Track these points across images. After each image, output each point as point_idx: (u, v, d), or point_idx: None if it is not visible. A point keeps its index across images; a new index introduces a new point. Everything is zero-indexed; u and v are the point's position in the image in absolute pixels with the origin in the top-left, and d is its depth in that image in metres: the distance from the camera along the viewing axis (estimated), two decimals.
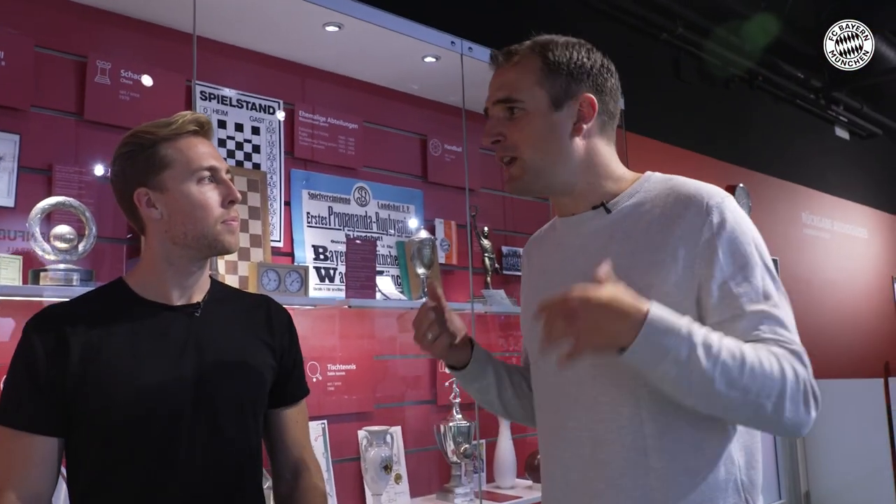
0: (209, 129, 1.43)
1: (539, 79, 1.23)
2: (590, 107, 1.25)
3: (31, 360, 1.28)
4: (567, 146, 1.25)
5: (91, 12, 2.19)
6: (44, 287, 1.89)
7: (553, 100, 1.23)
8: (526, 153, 1.24)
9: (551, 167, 1.25)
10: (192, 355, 1.35)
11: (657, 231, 1.19)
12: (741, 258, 1.15)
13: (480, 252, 3.04)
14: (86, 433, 1.29)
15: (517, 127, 1.24)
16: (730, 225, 1.16)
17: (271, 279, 2.30)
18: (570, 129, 1.25)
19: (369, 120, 2.85)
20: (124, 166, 1.38)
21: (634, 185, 1.28)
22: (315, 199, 2.65)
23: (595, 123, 1.26)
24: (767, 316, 1.12)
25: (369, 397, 2.68)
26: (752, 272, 1.15)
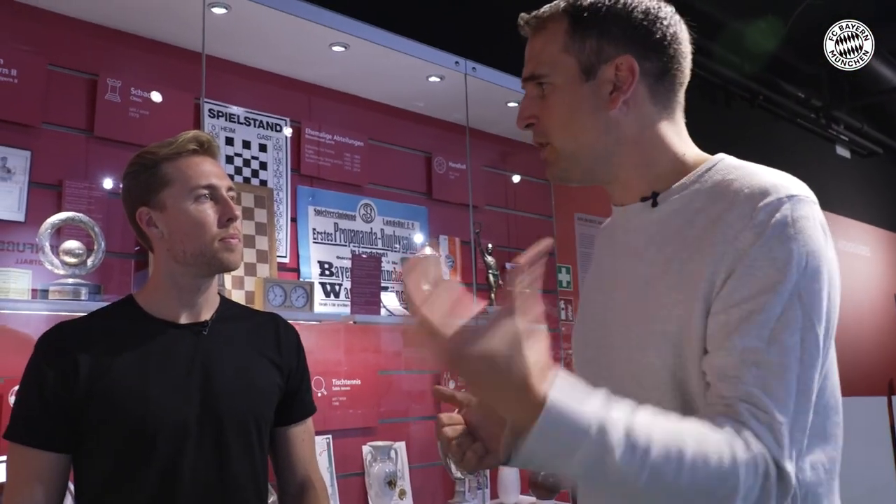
0: (210, 147, 1.45)
1: (565, 44, 1.01)
2: (628, 71, 0.99)
3: (41, 378, 1.29)
4: (601, 123, 1.00)
5: (102, 31, 2.23)
6: (52, 301, 1.91)
7: (583, 67, 1.00)
8: (556, 136, 1.03)
9: (587, 150, 1.02)
10: (198, 374, 1.37)
11: (697, 235, 0.94)
12: (767, 278, 0.86)
13: (485, 269, 3.06)
14: (93, 450, 1.31)
15: (546, 107, 1.03)
16: (773, 229, 0.87)
17: (277, 294, 2.32)
18: (604, 101, 1.00)
19: (375, 137, 2.88)
20: (129, 186, 1.42)
21: (692, 174, 1.01)
22: (321, 215, 2.67)
23: (642, 90, 1.00)
24: (757, 361, 0.84)
25: (374, 412, 2.68)
26: (771, 299, 0.85)
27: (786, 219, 0.87)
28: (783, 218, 0.87)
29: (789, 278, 0.85)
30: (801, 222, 0.88)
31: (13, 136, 2.04)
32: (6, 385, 1.87)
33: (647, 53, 1.00)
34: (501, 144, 3.33)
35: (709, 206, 0.95)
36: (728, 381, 0.85)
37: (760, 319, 0.84)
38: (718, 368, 0.86)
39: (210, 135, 1.46)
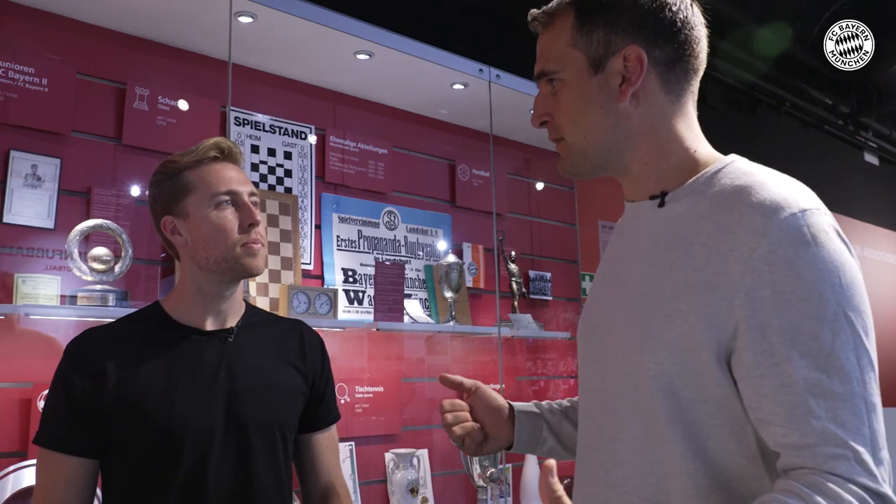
0: (231, 153, 1.45)
1: (572, 38, 0.99)
2: (636, 61, 0.96)
3: (69, 384, 1.30)
4: (611, 116, 0.99)
5: (130, 41, 2.26)
6: (80, 307, 1.93)
7: (591, 61, 0.99)
8: (567, 132, 1.02)
9: (597, 145, 1.00)
10: (224, 380, 1.37)
11: (703, 243, 0.90)
12: (804, 303, 0.82)
13: (508, 276, 3.05)
14: (120, 455, 1.31)
15: (558, 102, 1.02)
16: (796, 249, 0.83)
17: (301, 301, 2.33)
18: (614, 94, 0.98)
19: (398, 145, 2.89)
20: (154, 195, 1.43)
21: (701, 174, 0.98)
22: (345, 222, 2.68)
23: (652, 79, 0.98)
24: (824, 397, 0.80)
25: (396, 420, 2.68)
26: (818, 325, 0.81)
27: (804, 236, 0.84)
28: (802, 236, 0.84)
29: (828, 300, 0.82)
30: (820, 237, 0.85)
31: (43, 145, 2.07)
32: (35, 389, 1.90)
33: (657, 41, 0.97)
34: (525, 152, 3.32)
35: (716, 213, 0.91)
36: (794, 422, 0.81)
37: (812, 349, 0.81)
38: (777, 406, 0.82)
39: (231, 141, 1.47)
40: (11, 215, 1.99)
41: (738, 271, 0.85)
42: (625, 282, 1.01)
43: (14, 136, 2.03)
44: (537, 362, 3.24)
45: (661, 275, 0.94)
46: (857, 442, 0.79)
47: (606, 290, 1.07)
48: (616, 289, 1.03)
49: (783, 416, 0.82)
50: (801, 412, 0.80)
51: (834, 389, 0.80)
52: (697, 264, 0.90)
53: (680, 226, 0.95)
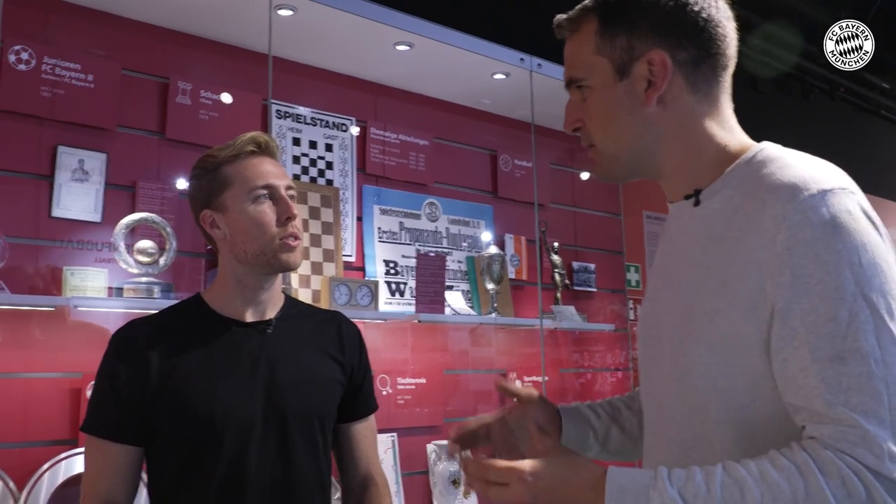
0: (269, 147, 1.45)
1: (597, 45, 0.99)
2: (661, 66, 0.96)
3: (114, 373, 1.33)
4: (639, 121, 0.99)
5: (173, 36, 2.29)
6: (127, 299, 1.96)
7: (617, 67, 0.98)
8: (597, 138, 1.02)
9: (627, 150, 1.01)
10: (263, 371, 1.38)
11: (735, 237, 0.90)
12: (822, 285, 0.82)
13: (550, 267, 3.02)
14: (163, 444, 1.34)
15: (587, 109, 1.02)
16: (814, 231, 0.83)
17: (342, 293, 2.33)
18: (640, 99, 0.98)
19: (439, 136, 2.88)
20: (193, 190, 1.45)
21: (734, 167, 0.96)
22: (386, 214, 2.68)
23: (678, 81, 0.97)
24: (839, 379, 0.80)
25: (439, 411, 2.68)
26: (835, 306, 0.81)
27: (824, 218, 0.83)
28: (821, 217, 0.83)
29: (847, 280, 0.82)
30: (841, 217, 0.84)
31: (90, 140, 2.11)
32: (84, 379, 1.94)
33: (681, 42, 0.97)
34: (567, 141, 3.27)
35: (746, 204, 0.91)
36: (809, 401, 0.82)
37: (830, 331, 0.81)
38: (796, 388, 0.84)
39: (268, 135, 1.47)
40: (60, 209, 2.04)
41: (763, 259, 0.86)
42: (671, 283, 1.01)
43: (61, 132, 2.07)
44: (583, 355, 3.20)
45: (701, 274, 0.94)
46: (872, 424, 0.78)
47: (658, 291, 1.07)
48: (665, 290, 1.04)
49: (802, 398, 0.83)
50: (816, 394, 0.81)
51: (850, 372, 0.80)
52: (732, 261, 0.90)
53: (716, 223, 0.95)
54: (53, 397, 1.95)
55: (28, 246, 1.98)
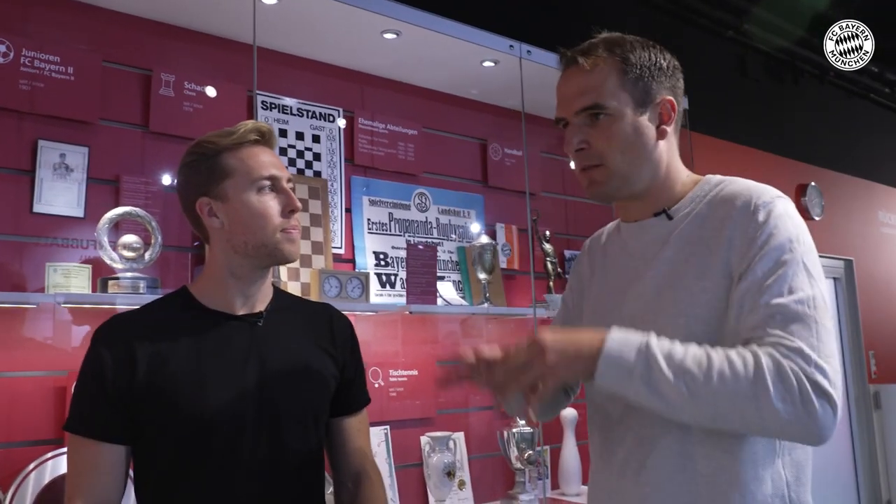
0: (271, 137, 1.43)
1: (622, 82, 1.20)
2: (670, 109, 1.23)
3: (99, 370, 1.29)
4: (652, 151, 1.22)
5: (155, 27, 2.25)
6: (112, 295, 1.93)
7: (637, 103, 1.20)
8: (613, 160, 1.20)
9: (637, 172, 1.22)
10: (254, 365, 1.35)
11: (710, 234, 1.17)
12: (775, 252, 1.10)
13: (542, 256, 2.99)
14: (152, 441, 1.30)
15: (603, 133, 1.20)
16: (773, 222, 1.12)
17: (333, 286, 2.30)
18: (654, 133, 1.22)
19: (428, 125, 2.84)
20: (188, 176, 1.39)
21: (695, 190, 1.25)
22: (375, 205, 2.65)
23: (672, 126, 1.24)
24: (781, 311, 1.05)
25: (432, 403, 2.66)
26: (783, 266, 1.09)
27: (780, 212, 1.13)
28: (778, 212, 1.13)
29: (795, 252, 1.10)
30: (791, 213, 1.15)
31: (71, 133, 2.07)
32: (70, 377, 1.91)
33: (677, 96, 1.24)
34: (558, 129, 3.24)
35: (714, 212, 1.19)
36: (756, 330, 1.06)
37: (778, 283, 1.07)
38: (748, 324, 1.07)
39: (269, 125, 1.44)
40: (41, 205, 2.00)
41: (738, 244, 1.14)
42: (641, 284, 1.23)
43: (42, 126, 2.03)
44: None
45: (679, 268, 1.18)
46: (804, 344, 1.02)
47: (615, 296, 1.28)
48: (628, 291, 1.25)
49: (751, 329, 1.07)
50: (762, 324, 1.06)
51: (789, 308, 1.05)
52: (711, 250, 1.16)
53: (688, 229, 1.21)
54: (38, 396, 1.91)
55: (9, 243, 1.94)
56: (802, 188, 4.65)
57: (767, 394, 0.99)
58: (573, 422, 2.84)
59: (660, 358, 1.04)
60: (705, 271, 1.15)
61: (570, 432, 2.86)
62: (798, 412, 0.99)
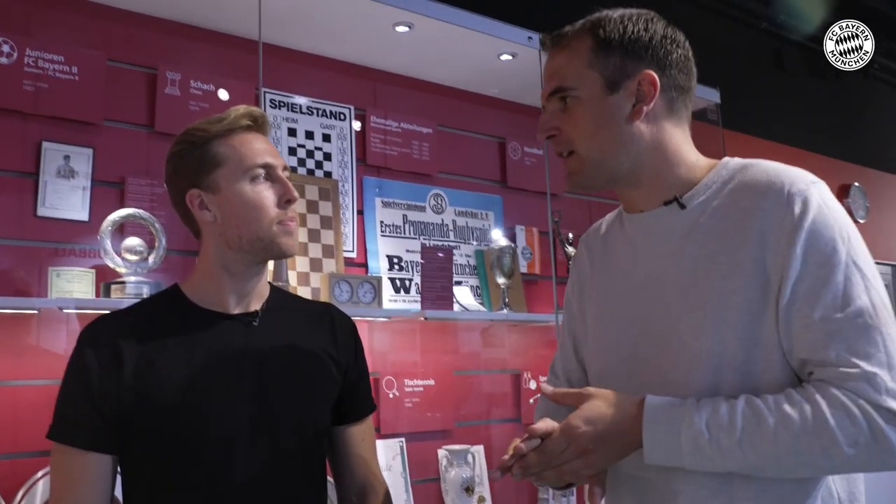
0: (264, 123, 1.35)
1: (590, 60, 1.10)
2: (650, 85, 1.09)
3: (85, 374, 1.22)
4: (626, 132, 1.10)
5: (160, 24, 2.20)
6: (115, 300, 1.88)
7: (607, 82, 1.09)
8: (581, 146, 1.11)
9: (611, 158, 1.11)
10: (250, 367, 1.27)
11: (736, 227, 1.05)
12: (820, 254, 0.98)
13: (565, 260, 2.88)
14: (141, 449, 1.23)
15: (571, 118, 1.11)
16: (812, 215, 1.00)
17: (344, 290, 2.22)
18: (627, 113, 1.10)
19: (444, 123, 2.76)
20: (176, 166, 1.32)
21: (711, 175, 1.12)
22: (389, 207, 2.57)
23: (660, 103, 1.11)
24: (839, 328, 0.95)
25: (449, 415, 2.57)
26: (832, 271, 0.97)
27: (818, 202, 1.01)
28: (816, 202, 1.01)
29: (842, 252, 0.98)
30: (830, 202, 1.03)
31: (76, 135, 2.03)
32: None
33: (665, 70, 1.11)
34: None
35: (739, 201, 1.06)
36: (815, 352, 0.96)
37: (830, 293, 0.96)
38: (804, 344, 0.97)
39: (261, 110, 1.36)
40: (45, 208, 1.96)
41: (773, 240, 1.01)
42: (658, 282, 1.11)
43: (46, 127, 1.99)
44: None
45: (702, 265, 1.06)
46: (872, 365, 0.93)
47: (630, 295, 1.16)
48: (646, 290, 1.13)
49: (807, 351, 0.97)
50: (820, 345, 0.96)
51: (849, 323, 0.95)
52: (738, 245, 1.04)
53: (708, 220, 1.08)
54: (41, 405, 1.83)
55: (12, 247, 1.90)
56: (845, 189, 4.48)
57: (835, 443, 0.91)
58: None
59: (706, 435, 0.95)
60: (733, 270, 1.03)
61: None
62: (871, 449, 0.91)
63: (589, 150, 1.11)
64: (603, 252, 1.27)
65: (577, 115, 1.11)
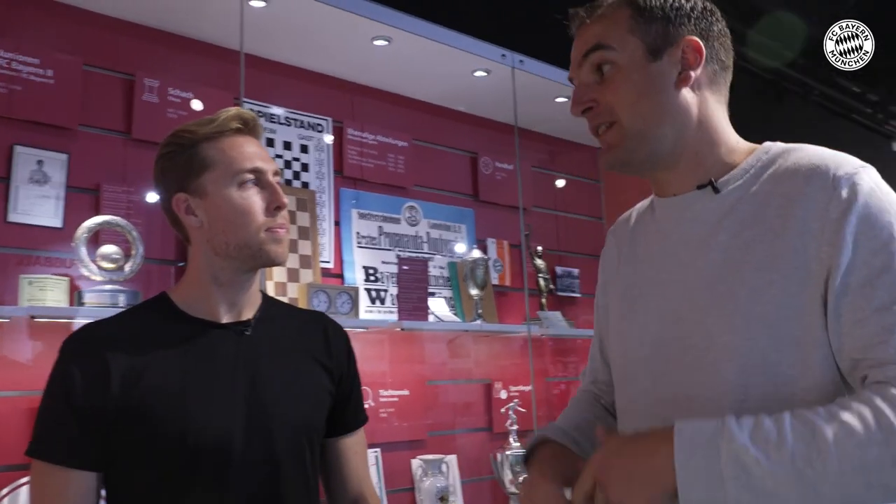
0: (255, 126, 1.30)
1: (630, 26, 1.01)
2: (695, 51, 1.00)
3: (68, 387, 1.15)
4: (672, 101, 1.00)
5: (139, 30, 2.17)
6: (89, 308, 1.83)
7: (650, 48, 1.00)
8: (624, 115, 1.01)
9: (655, 129, 1.01)
10: (242, 378, 1.23)
11: (776, 215, 0.94)
12: (875, 241, 0.88)
13: (534, 272, 2.93)
14: (127, 466, 1.16)
15: (610, 87, 1.02)
16: (863, 199, 0.90)
17: (321, 300, 2.22)
18: (674, 80, 1.00)
19: (419, 137, 2.78)
20: (164, 168, 1.27)
21: (750, 159, 1.02)
22: (365, 218, 2.57)
23: (704, 73, 1.02)
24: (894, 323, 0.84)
25: (423, 424, 2.57)
26: (890, 259, 0.87)
27: (869, 187, 0.91)
28: (865, 186, 0.91)
29: (894, 236, 0.88)
30: (881, 186, 0.93)
31: (50, 139, 1.98)
32: None
33: (709, 42, 1.03)
34: (548, 143, 3.20)
35: (779, 187, 0.96)
36: (872, 350, 0.85)
37: (886, 284, 0.86)
38: (858, 342, 0.87)
39: (253, 113, 1.32)
40: (17, 214, 1.91)
41: (817, 228, 0.90)
42: (684, 273, 1.01)
43: (19, 131, 1.94)
44: (567, 364, 3.11)
45: (735, 255, 0.96)
46: None
47: (655, 287, 1.06)
48: (672, 283, 1.03)
49: (861, 349, 0.86)
50: (876, 341, 0.85)
51: None
52: (777, 235, 0.93)
53: (746, 207, 0.98)
54: (11, 418, 1.79)
55: None
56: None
57: None
58: None
59: (751, 451, 0.79)
60: (771, 261, 0.92)
61: None
62: None
63: (632, 119, 1.01)
64: (630, 242, 1.17)
65: (617, 83, 1.01)
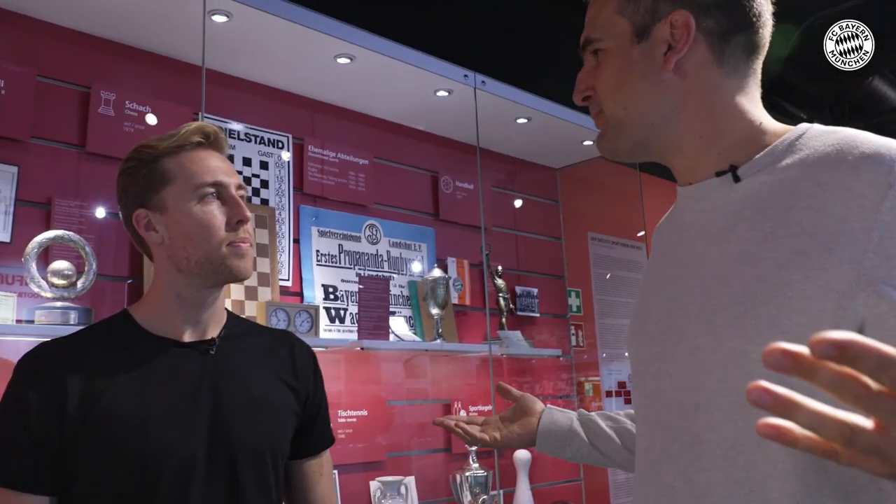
0: (217, 139, 1.28)
1: (619, 5, 0.94)
2: (683, 28, 0.90)
3: (23, 408, 1.11)
4: (654, 88, 0.92)
5: (96, 42, 2.12)
6: (39, 326, 1.77)
7: (636, 28, 0.93)
8: (606, 104, 0.95)
9: (637, 119, 0.94)
10: (206, 398, 1.20)
11: (807, 206, 0.81)
12: None
13: (494, 292, 2.93)
14: (85, 489, 1.12)
15: (597, 75, 0.96)
16: None
17: (280, 319, 2.18)
18: (659, 62, 0.91)
19: (380, 155, 2.77)
20: (125, 185, 1.25)
21: (783, 141, 0.88)
22: (325, 236, 2.54)
23: (702, 49, 0.91)
24: None
25: (381, 445, 2.53)
26: None
27: None
28: None
29: None
30: None
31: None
32: None
33: (709, 10, 0.90)
34: (508, 164, 3.22)
35: (814, 174, 0.82)
36: None
37: None
38: None
39: (216, 127, 1.30)
40: None
41: (861, 229, 0.76)
42: (697, 268, 0.91)
43: None
44: (526, 383, 3.11)
45: (754, 249, 0.84)
46: None
47: (667, 283, 0.96)
48: (683, 278, 0.93)
49: None
50: None
51: None
52: (804, 229, 0.80)
53: (770, 196, 0.86)
54: None
55: None
56: None
57: None
58: (526, 465, 2.75)
59: None
60: (792, 258, 0.80)
61: (523, 475, 2.76)
62: None
63: (613, 107, 0.95)
64: (659, 240, 1.07)
65: (602, 70, 0.95)
